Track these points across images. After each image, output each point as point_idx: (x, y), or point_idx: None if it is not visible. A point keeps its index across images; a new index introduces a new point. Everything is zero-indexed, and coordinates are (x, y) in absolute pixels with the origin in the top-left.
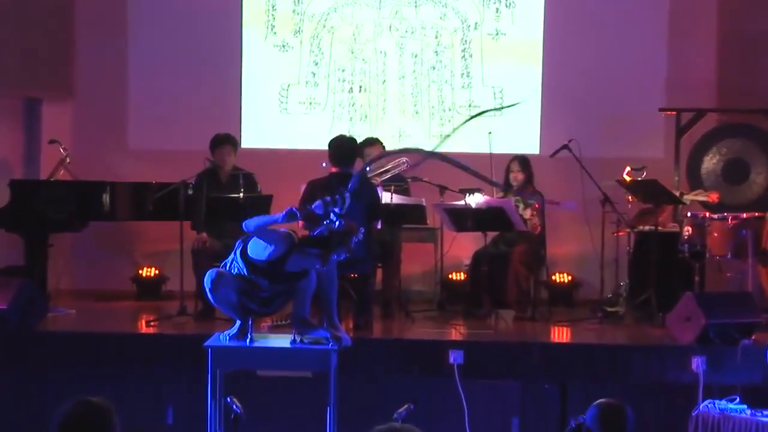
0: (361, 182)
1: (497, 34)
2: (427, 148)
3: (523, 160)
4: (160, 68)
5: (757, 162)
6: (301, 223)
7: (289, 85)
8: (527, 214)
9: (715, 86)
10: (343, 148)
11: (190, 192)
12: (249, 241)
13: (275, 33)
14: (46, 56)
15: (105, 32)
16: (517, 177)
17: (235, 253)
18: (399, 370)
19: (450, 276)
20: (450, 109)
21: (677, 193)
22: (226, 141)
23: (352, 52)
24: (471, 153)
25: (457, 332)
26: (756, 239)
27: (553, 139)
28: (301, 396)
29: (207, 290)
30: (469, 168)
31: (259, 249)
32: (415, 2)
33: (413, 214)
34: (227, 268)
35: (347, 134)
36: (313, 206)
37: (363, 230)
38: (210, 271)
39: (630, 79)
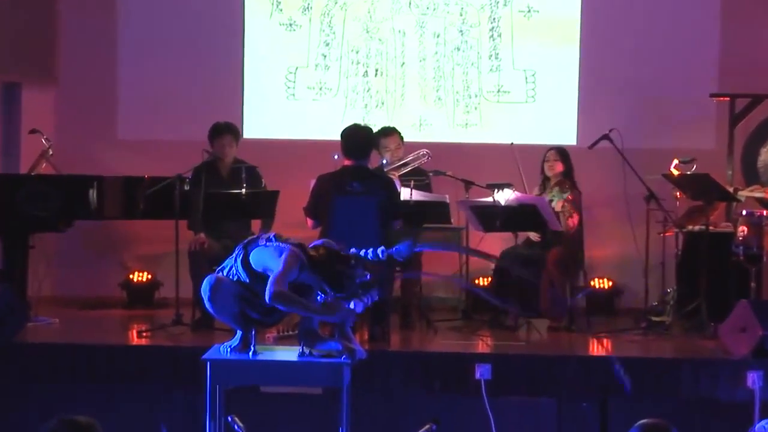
0: (375, 177)
1: (529, 11)
2: (449, 139)
3: (561, 151)
4: (153, 50)
5: None
6: (310, 222)
7: (296, 69)
8: (558, 206)
9: None
10: (357, 139)
11: (187, 187)
12: (251, 249)
13: (281, 10)
14: (27, 36)
15: (92, 10)
16: (554, 167)
17: (234, 260)
18: (419, 387)
19: (477, 281)
20: (476, 95)
21: (731, 189)
22: (227, 130)
23: (368, 32)
24: (502, 144)
25: (484, 344)
26: None
27: (591, 128)
28: (310, 415)
29: (205, 298)
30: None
31: (263, 263)
32: None
33: (435, 212)
34: (224, 274)
35: (362, 123)
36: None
37: (375, 298)
38: (208, 277)
39: (678, 61)
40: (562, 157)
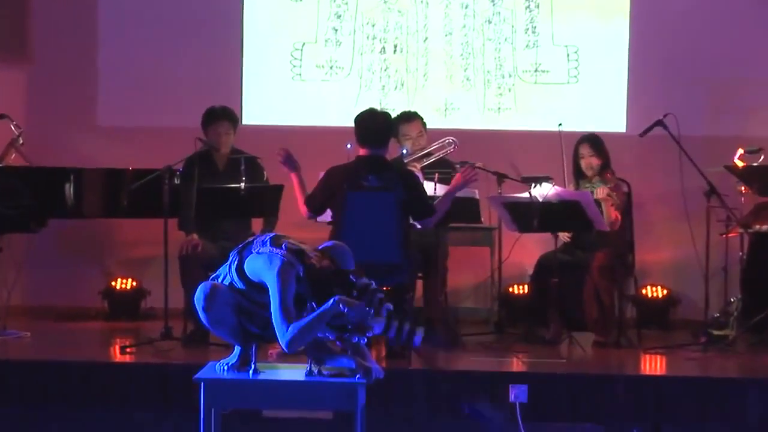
0: (394, 170)
1: None
2: (479, 125)
3: (595, 141)
4: (138, 24)
5: None
6: (305, 210)
7: (303, 45)
8: (602, 193)
9: None
10: (373, 125)
11: (177, 181)
12: (246, 255)
13: None
14: None
15: None
16: (591, 163)
17: (229, 268)
18: (445, 410)
19: (510, 289)
20: (510, 75)
21: None
22: (223, 116)
23: (385, 2)
24: (540, 131)
25: (519, 362)
26: None
27: (643, 113)
28: None
29: (199, 308)
30: None
31: (258, 274)
32: None
33: (463, 209)
34: (219, 282)
35: (379, 107)
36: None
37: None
38: (203, 284)
39: (742, 36)
40: (597, 149)
